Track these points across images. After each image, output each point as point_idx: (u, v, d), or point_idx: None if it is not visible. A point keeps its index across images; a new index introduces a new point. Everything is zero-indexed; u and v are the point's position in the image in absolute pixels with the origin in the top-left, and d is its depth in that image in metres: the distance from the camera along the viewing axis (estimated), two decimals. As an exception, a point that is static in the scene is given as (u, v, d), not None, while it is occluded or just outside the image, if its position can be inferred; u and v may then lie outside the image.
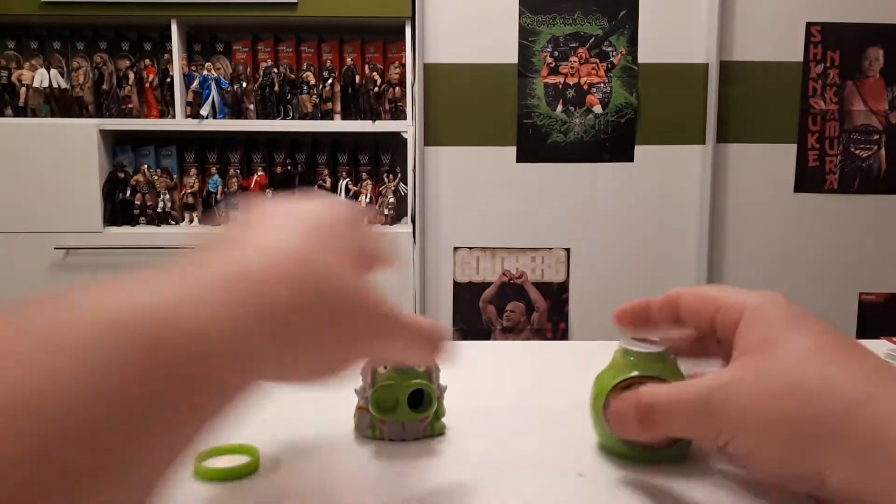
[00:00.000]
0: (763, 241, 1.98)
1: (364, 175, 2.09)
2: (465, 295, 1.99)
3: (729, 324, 0.32)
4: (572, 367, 0.52)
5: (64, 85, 2.03)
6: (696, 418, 0.30)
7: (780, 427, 0.28)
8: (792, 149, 1.97)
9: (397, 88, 2.02)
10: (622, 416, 0.33)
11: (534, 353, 0.62)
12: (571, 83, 1.95)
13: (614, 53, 1.95)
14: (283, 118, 2.03)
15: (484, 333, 1.98)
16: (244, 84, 2.04)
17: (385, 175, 2.08)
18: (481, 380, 0.51)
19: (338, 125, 2.03)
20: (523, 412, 0.46)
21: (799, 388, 0.27)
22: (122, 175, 2.01)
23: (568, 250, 1.99)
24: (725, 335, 0.33)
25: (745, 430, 0.29)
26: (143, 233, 1.98)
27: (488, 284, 1.99)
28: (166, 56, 2.02)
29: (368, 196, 2.07)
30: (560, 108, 1.96)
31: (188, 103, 2.01)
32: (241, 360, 0.24)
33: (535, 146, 1.96)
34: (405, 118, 2.00)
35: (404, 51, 2.01)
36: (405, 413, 0.39)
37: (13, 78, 2.00)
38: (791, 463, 0.28)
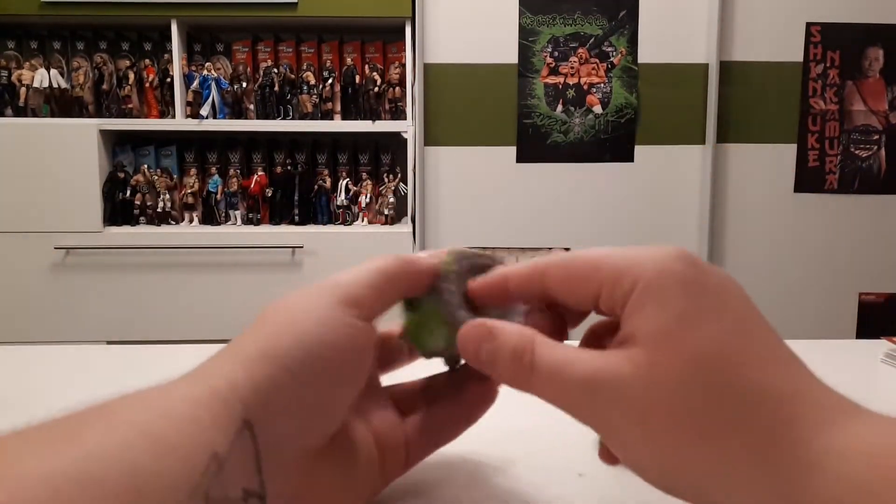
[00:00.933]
0: (763, 241, 1.98)
1: (364, 175, 2.09)
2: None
3: (618, 299, 0.26)
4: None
5: (64, 85, 2.03)
6: (574, 401, 0.26)
7: (662, 450, 0.24)
8: (792, 149, 1.97)
9: (397, 88, 2.02)
10: (494, 354, 0.28)
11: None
12: (571, 83, 1.95)
13: (614, 53, 1.95)
14: (283, 118, 2.03)
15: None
16: (244, 84, 2.04)
17: (385, 175, 2.08)
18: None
19: (338, 125, 2.03)
20: (523, 412, 0.46)
21: (686, 410, 0.24)
22: (122, 175, 2.01)
23: (568, 250, 1.98)
24: (612, 310, 0.27)
25: (624, 439, 0.26)
26: (143, 233, 1.98)
27: (488, 284, 1.99)
28: (166, 56, 2.02)
29: (368, 196, 2.07)
30: (560, 108, 1.96)
31: (188, 103, 2.01)
32: None
33: (535, 146, 1.96)
34: (405, 118, 2.00)
35: (404, 51, 2.01)
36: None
37: (13, 78, 2.00)
38: (672, 485, 0.25)
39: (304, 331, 0.27)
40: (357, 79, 2.04)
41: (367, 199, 2.07)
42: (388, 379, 0.35)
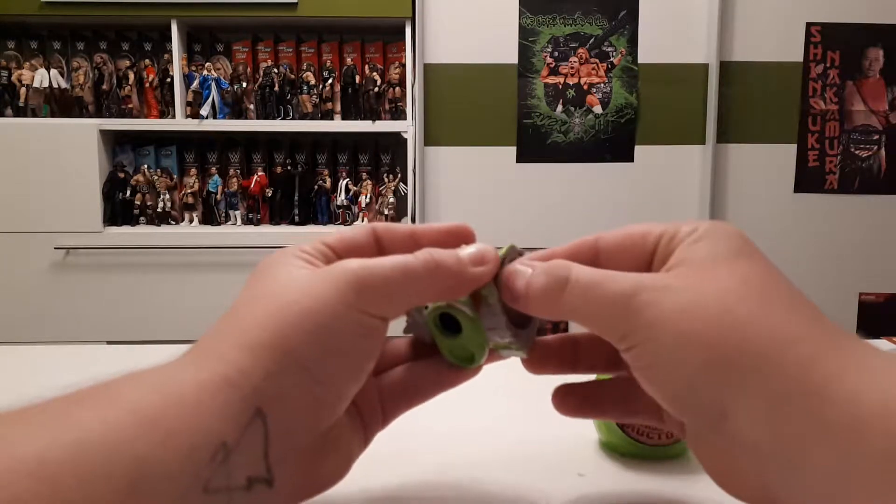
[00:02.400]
0: (763, 241, 1.95)
1: (364, 175, 2.09)
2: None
3: (677, 242, 0.28)
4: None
5: (64, 85, 2.03)
6: (611, 312, 0.26)
7: (695, 347, 0.24)
8: (792, 149, 1.97)
9: (397, 88, 2.02)
10: (528, 282, 0.28)
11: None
12: (571, 83, 1.95)
13: (614, 53, 1.95)
14: (283, 118, 2.03)
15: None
16: (244, 84, 2.04)
17: (385, 175, 2.08)
18: (481, 379, 0.51)
19: (338, 125, 2.03)
20: (523, 412, 0.46)
21: (729, 313, 0.24)
22: (122, 175, 2.01)
23: (568, 250, 1.99)
24: (665, 259, 0.28)
25: (659, 341, 0.25)
26: (143, 233, 1.98)
27: (488, 284, 1.99)
28: (166, 56, 2.02)
29: (368, 196, 2.07)
30: (560, 108, 1.96)
31: (188, 103, 2.00)
32: None
33: (535, 146, 1.96)
34: (405, 118, 2.00)
35: (404, 51, 2.01)
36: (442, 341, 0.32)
37: (13, 78, 2.00)
38: (695, 390, 0.25)
39: (320, 325, 0.26)
40: (357, 79, 2.04)
41: (367, 199, 2.07)
42: None
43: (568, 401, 0.32)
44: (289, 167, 2.07)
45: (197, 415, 0.23)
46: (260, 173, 2.07)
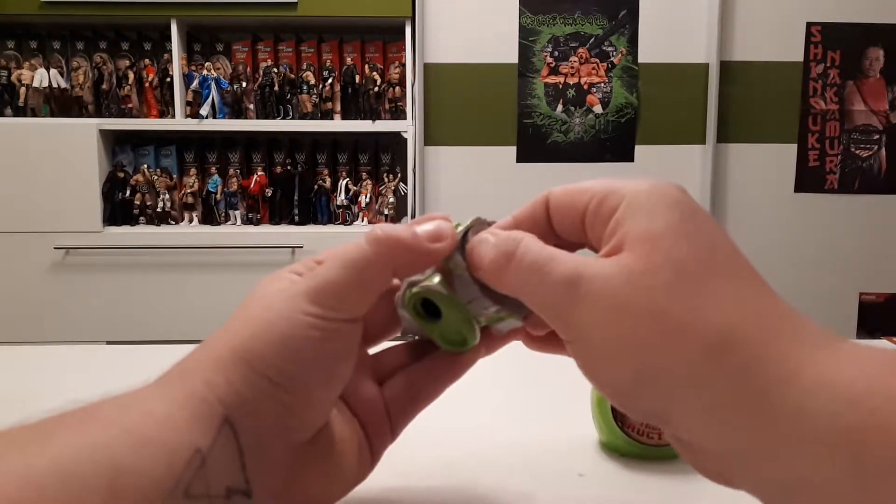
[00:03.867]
0: (763, 241, 1.97)
1: (364, 175, 2.09)
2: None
3: (603, 214, 0.26)
4: (573, 367, 0.52)
5: (63, 85, 2.03)
6: (551, 298, 0.25)
7: (627, 355, 0.23)
8: (792, 149, 1.97)
9: (397, 88, 2.02)
10: (480, 252, 0.28)
11: (534, 353, 0.62)
12: (572, 83, 1.95)
13: (614, 53, 1.95)
14: (283, 118, 2.03)
15: (484, 333, 1.98)
16: (244, 84, 2.04)
17: (385, 175, 2.08)
18: (481, 379, 0.51)
19: (338, 125, 2.03)
20: (523, 412, 0.46)
21: (663, 312, 0.23)
22: (121, 175, 2.01)
23: (568, 250, 1.99)
24: (594, 229, 0.27)
25: (593, 343, 0.24)
26: (143, 232, 1.98)
27: (488, 284, 1.99)
28: (166, 56, 2.02)
29: (368, 196, 2.07)
30: (560, 107, 1.95)
31: (188, 103, 2.00)
32: None
33: (535, 146, 1.96)
34: (405, 118, 2.00)
35: (404, 51, 2.01)
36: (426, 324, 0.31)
37: (13, 78, 2.00)
38: (632, 397, 0.24)
39: (280, 334, 0.26)
40: (357, 78, 2.04)
41: (367, 199, 2.07)
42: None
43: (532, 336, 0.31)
44: (289, 167, 2.07)
45: (169, 424, 0.24)
46: (260, 173, 2.07)
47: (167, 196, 2.05)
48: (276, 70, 2.02)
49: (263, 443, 0.26)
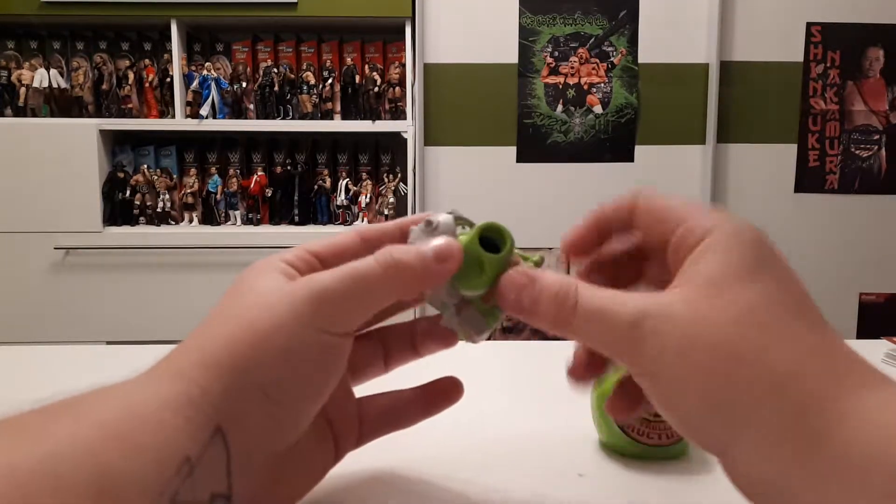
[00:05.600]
0: (763, 241, 1.97)
1: (364, 175, 2.09)
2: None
3: (686, 244, 0.27)
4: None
5: (63, 85, 2.03)
6: (614, 339, 0.26)
7: (695, 386, 0.24)
8: (792, 149, 1.97)
9: (397, 88, 2.02)
10: (534, 301, 0.27)
11: (534, 353, 0.62)
12: (572, 83, 1.95)
13: (614, 53, 1.95)
14: (283, 118, 2.03)
15: (484, 333, 1.98)
16: (244, 84, 2.04)
17: (385, 175, 2.08)
18: (481, 379, 0.51)
19: (338, 125, 2.03)
20: (523, 412, 0.46)
21: (729, 351, 0.24)
22: (121, 175, 2.01)
23: (568, 250, 1.99)
24: (677, 256, 0.27)
25: (662, 376, 0.25)
26: (143, 233, 1.98)
27: (488, 284, 1.99)
28: (166, 56, 2.02)
29: (368, 196, 2.07)
30: (560, 108, 1.95)
31: (188, 103, 2.00)
32: None
33: (535, 146, 1.96)
34: (405, 118, 2.00)
35: (404, 51, 2.01)
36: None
37: (13, 78, 2.00)
38: (697, 426, 0.25)
39: (278, 347, 0.26)
40: (357, 79, 2.04)
41: (367, 199, 2.07)
42: (358, 391, 0.34)
43: (578, 369, 0.31)
44: (288, 167, 2.07)
45: (161, 430, 0.23)
46: (260, 173, 2.07)
47: (167, 196, 2.05)
48: (276, 70, 2.02)
49: (249, 450, 0.26)
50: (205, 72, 1.99)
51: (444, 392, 0.34)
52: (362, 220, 2.07)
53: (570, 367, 0.31)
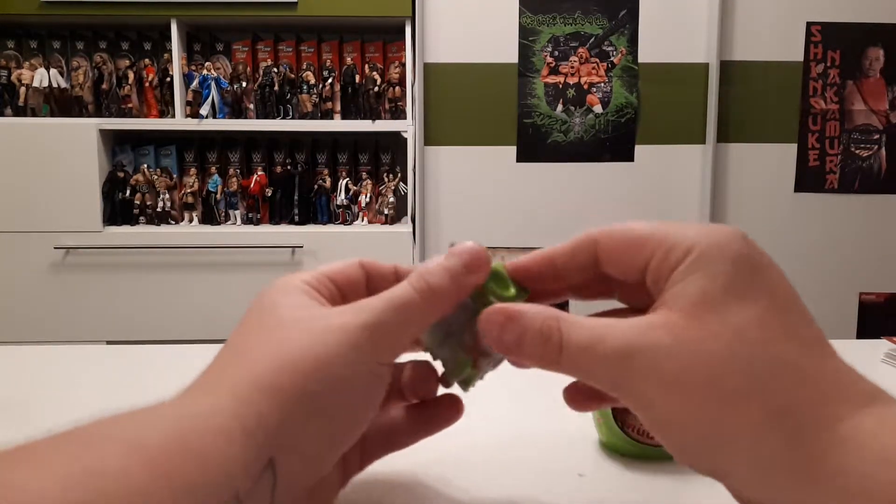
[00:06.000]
0: (763, 241, 1.94)
1: (364, 175, 2.09)
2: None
3: (667, 265, 0.26)
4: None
5: (63, 84, 2.03)
6: (605, 375, 0.25)
7: (693, 418, 0.24)
8: (792, 148, 1.97)
9: (397, 88, 2.02)
10: (519, 337, 0.27)
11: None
12: (572, 83, 1.95)
13: (614, 53, 1.95)
14: (283, 118, 2.03)
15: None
16: (244, 84, 2.04)
17: (385, 175, 2.08)
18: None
19: (338, 125, 2.03)
20: (523, 412, 0.46)
21: (722, 381, 0.24)
22: (121, 175, 2.01)
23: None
24: (658, 281, 0.26)
25: (657, 409, 0.25)
26: (143, 232, 1.98)
27: (488, 284, 1.99)
28: (166, 56, 2.02)
29: (368, 196, 2.07)
30: (560, 107, 1.95)
31: (188, 103, 2.00)
32: None
33: (535, 146, 1.96)
34: (405, 118, 2.00)
35: (404, 50, 2.01)
36: None
37: (13, 77, 2.00)
38: (694, 456, 0.25)
39: (336, 376, 0.26)
40: (357, 78, 2.04)
41: (367, 199, 2.07)
42: None
43: (577, 396, 0.31)
44: (288, 167, 2.07)
45: (214, 466, 0.22)
46: (260, 173, 2.07)
47: (167, 196, 2.05)
48: (276, 70, 2.02)
49: (294, 479, 0.26)
50: (205, 71, 1.99)
51: (444, 411, 0.34)
52: (362, 220, 2.07)
53: (568, 397, 0.31)
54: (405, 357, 0.31)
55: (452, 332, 0.30)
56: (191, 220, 2.06)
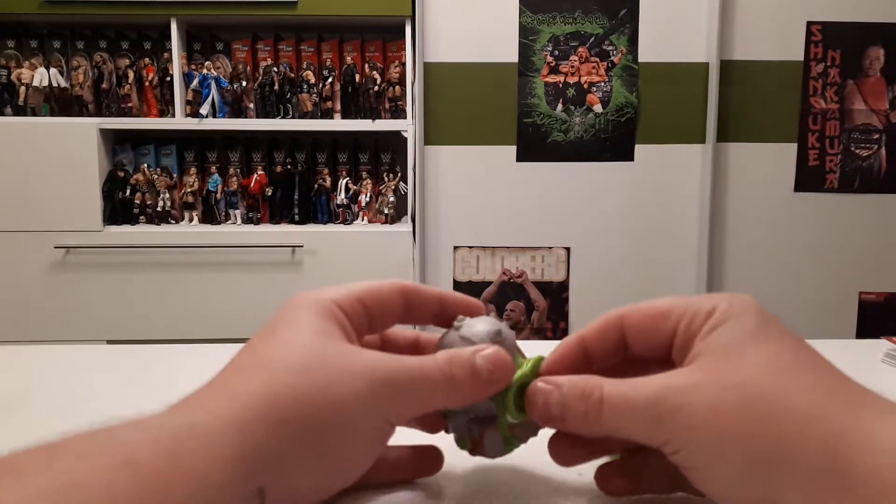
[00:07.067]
0: (763, 240, 1.97)
1: (364, 174, 2.09)
2: (465, 294, 1.99)
3: (696, 326, 0.28)
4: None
5: (63, 84, 2.03)
6: (645, 422, 0.27)
7: (734, 445, 0.25)
8: (792, 148, 1.97)
9: (397, 87, 2.02)
10: (562, 405, 0.28)
11: (534, 353, 0.62)
12: (572, 82, 1.95)
13: (615, 52, 1.95)
14: (283, 117, 2.03)
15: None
16: (244, 83, 2.04)
17: (385, 174, 2.08)
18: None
19: (338, 124, 2.03)
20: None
21: (755, 404, 0.25)
22: (121, 174, 2.01)
23: (568, 249, 1.99)
24: (685, 344, 0.29)
25: (697, 444, 0.26)
26: (143, 232, 1.98)
27: (488, 283, 1.99)
28: (166, 55, 2.02)
29: (368, 195, 2.07)
30: (560, 107, 1.95)
31: (188, 102, 2.00)
32: None
33: (535, 145, 1.96)
34: (405, 117, 2.00)
35: (404, 50, 2.01)
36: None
37: (13, 77, 2.00)
38: (745, 486, 0.26)
39: (343, 424, 0.26)
40: (357, 78, 2.04)
41: (367, 199, 2.07)
42: None
43: (563, 448, 0.32)
44: (289, 166, 2.07)
45: (202, 488, 0.23)
46: (260, 172, 2.07)
47: (167, 195, 2.05)
48: (276, 69, 2.02)
49: None
50: (205, 71, 1.99)
51: (424, 462, 0.34)
52: (362, 220, 2.07)
53: (554, 451, 0.32)
54: None
55: (467, 412, 0.32)
56: (191, 220, 2.06)
